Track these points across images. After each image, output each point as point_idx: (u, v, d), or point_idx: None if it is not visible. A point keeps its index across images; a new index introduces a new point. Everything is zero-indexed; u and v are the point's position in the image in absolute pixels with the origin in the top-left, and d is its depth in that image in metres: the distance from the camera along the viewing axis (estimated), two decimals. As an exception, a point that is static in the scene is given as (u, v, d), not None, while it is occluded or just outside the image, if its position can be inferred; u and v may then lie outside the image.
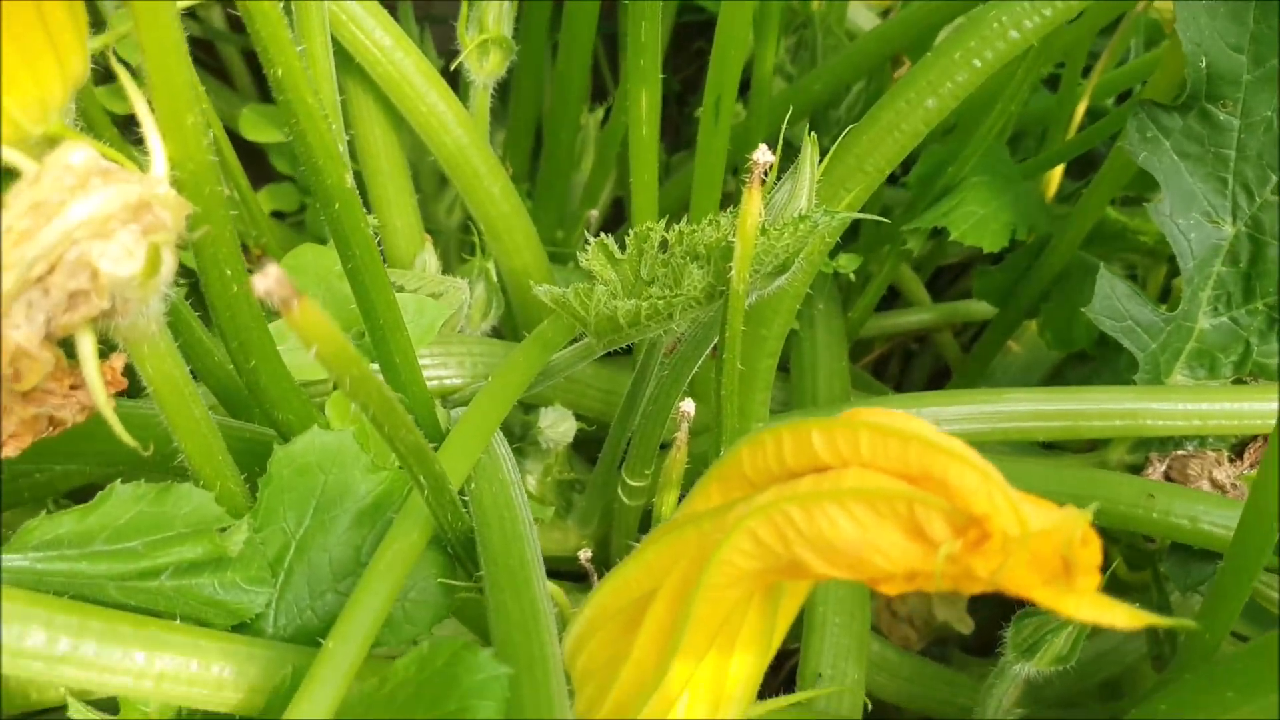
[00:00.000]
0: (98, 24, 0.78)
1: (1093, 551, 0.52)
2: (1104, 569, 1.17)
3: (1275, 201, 1.13)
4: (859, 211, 0.99)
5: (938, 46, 0.96)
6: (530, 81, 1.48)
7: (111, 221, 0.59)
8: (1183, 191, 1.15)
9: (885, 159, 0.98)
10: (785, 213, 0.84)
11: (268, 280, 0.51)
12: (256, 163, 1.58)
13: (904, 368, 1.83)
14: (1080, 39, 1.39)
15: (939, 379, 1.79)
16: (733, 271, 0.78)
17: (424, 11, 2.00)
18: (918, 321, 1.67)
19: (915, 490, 0.55)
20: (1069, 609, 0.53)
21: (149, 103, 0.66)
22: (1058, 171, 1.55)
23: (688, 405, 0.89)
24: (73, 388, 0.66)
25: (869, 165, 0.98)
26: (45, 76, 0.65)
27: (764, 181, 0.78)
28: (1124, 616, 0.53)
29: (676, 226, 0.88)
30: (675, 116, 2.07)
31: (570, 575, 1.16)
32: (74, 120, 0.69)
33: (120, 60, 0.73)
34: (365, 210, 0.86)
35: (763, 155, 0.73)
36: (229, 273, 0.75)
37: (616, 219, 1.70)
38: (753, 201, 0.74)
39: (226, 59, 1.85)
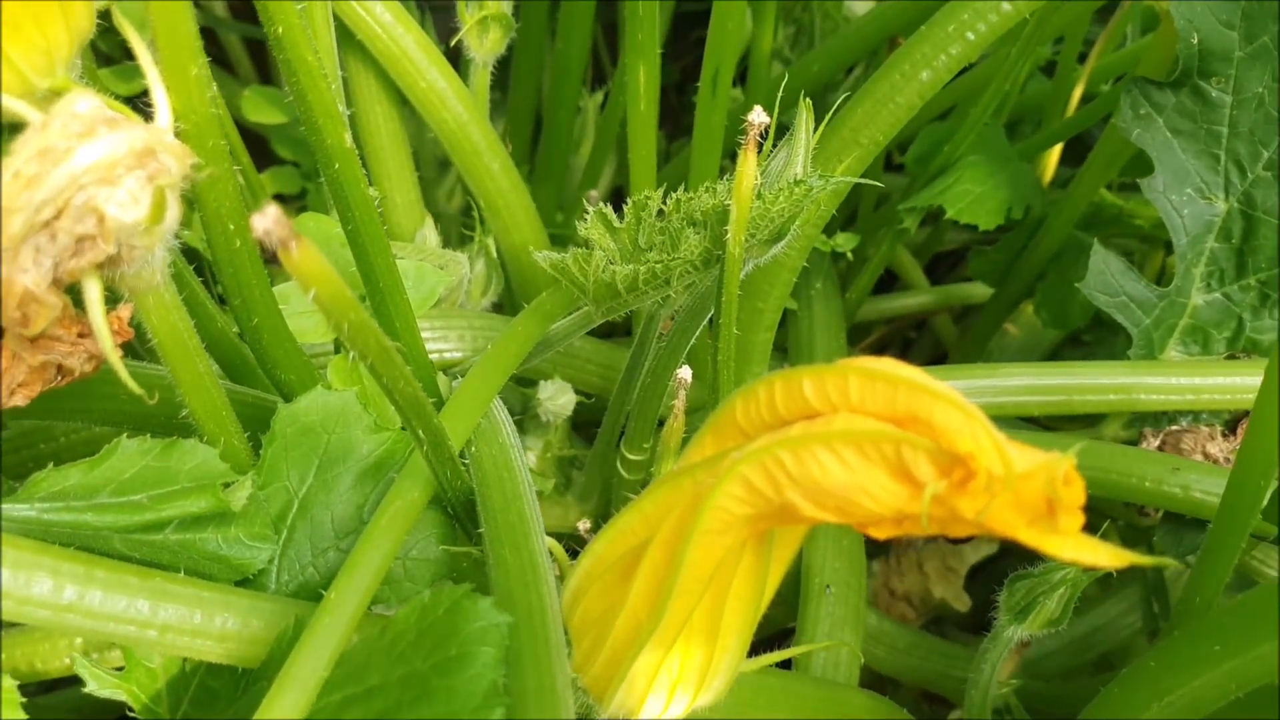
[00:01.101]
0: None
1: (1076, 491, 0.53)
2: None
3: (1267, 178, 1.14)
4: (855, 184, 1.00)
5: (932, 19, 0.97)
6: (530, 65, 1.50)
7: (118, 167, 0.60)
8: (1176, 168, 1.16)
9: (880, 131, 0.99)
10: (780, 179, 0.85)
11: (266, 220, 0.52)
12: (259, 149, 1.60)
13: (902, 353, 1.84)
14: (1076, 23, 1.40)
15: (937, 364, 1.80)
16: (729, 235, 0.79)
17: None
18: (915, 304, 1.68)
19: (902, 432, 0.56)
20: (1053, 548, 0.54)
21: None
22: (1053, 157, 1.56)
23: (685, 372, 0.90)
24: (80, 336, 0.67)
25: (864, 138, 0.99)
26: (51, 28, 0.66)
27: (760, 149, 0.79)
28: (1107, 555, 0.54)
29: (674, 195, 0.89)
30: (675, 105, 2.08)
31: (570, 551, 1.17)
32: (80, 79, 0.70)
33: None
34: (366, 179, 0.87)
35: (758, 116, 0.74)
36: (232, 227, 0.76)
37: (616, 205, 1.71)
38: (748, 163, 0.75)
39: (228, 47, 1.87)
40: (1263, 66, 1.11)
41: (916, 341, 1.84)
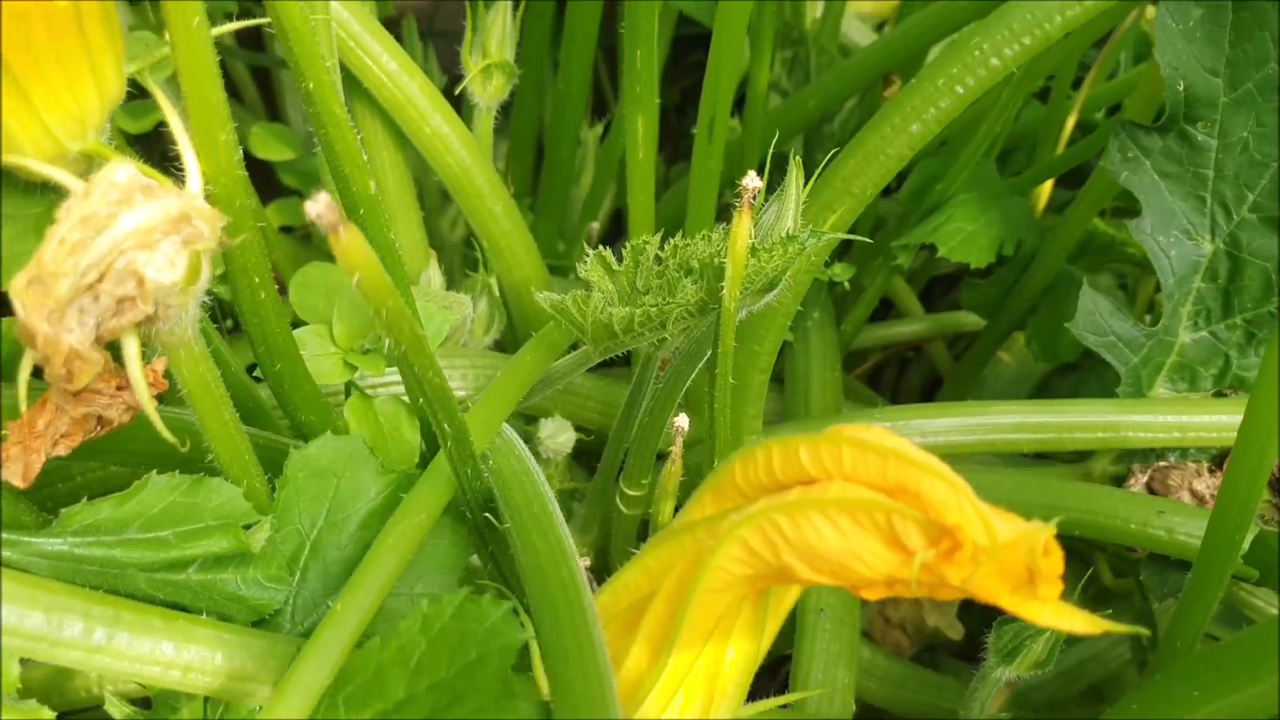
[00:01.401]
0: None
1: (1054, 561, 0.56)
2: (1089, 576, 1.20)
3: (1253, 220, 1.17)
4: (849, 230, 1.02)
5: (921, 73, 0.99)
6: (531, 96, 1.53)
7: (155, 233, 0.64)
8: (1163, 210, 1.19)
9: (872, 181, 1.01)
10: (773, 232, 0.88)
11: (318, 205, 0.57)
12: (265, 178, 1.62)
13: (898, 377, 1.87)
14: (1070, 52, 1.43)
15: (932, 388, 1.83)
16: (724, 291, 0.82)
17: (427, 26, 2.04)
18: (910, 332, 1.71)
19: (893, 502, 0.59)
20: (1033, 615, 0.57)
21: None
22: (1048, 182, 1.58)
23: (682, 420, 0.93)
24: (118, 389, 0.71)
25: (855, 187, 1.01)
26: (85, 97, 0.70)
27: (753, 205, 0.82)
28: (1082, 622, 0.57)
29: (671, 241, 0.92)
30: (674, 127, 2.10)
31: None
32: (109, 139, 0.74)
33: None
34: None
35: (751, 181, 0.77)
36: (257, 280, 0.80)
37: (616, 231, 1.74)
38: (742, 224, 0.78)
39: (234, 75, 1.89)
40: (1247, 112, 1.14)
41: (913, 363, 1.86)
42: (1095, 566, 1.34)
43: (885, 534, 0.59)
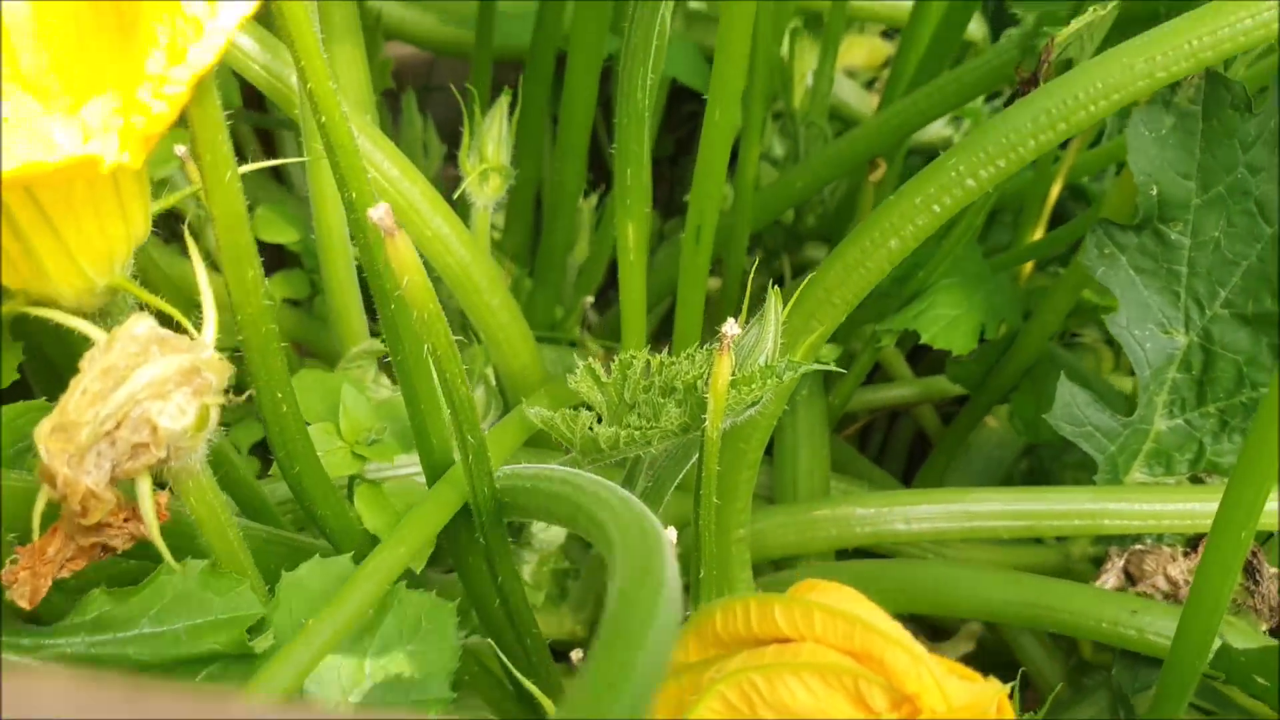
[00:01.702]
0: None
1: (1007, 725, 0.60)
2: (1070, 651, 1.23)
3: (1224, 315, 1.21)
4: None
5: (900, 191, 1.03)
6: (529, 164, 1.57)
7: (169, 384, 0.69)
8: (1139, 304, 1.23)
9: (852, 292, 1.05)
10: (752, 356, 0.92)
11: (379, 211, 0.68)
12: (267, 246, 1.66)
13: (886, 437, 1.91)
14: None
15: (919, 445, 1.87)
16: (707, 421, 0.86)
17: (424, 82, 2.08)
18: (898, 396, 1.74)
19: (860, 667, 0.63)
20: (990, 773, 0.61)
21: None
22: (1039, 233, 1.61)
23: (670, 533, 0.96)
24: (126, 520, 0.75)
25: (837, 298, 1.05)
26: (114, 238, 0.76)
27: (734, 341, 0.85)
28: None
29: (657, 356, 0.96)
30: (668, 177, 2.14)
31: (558, 654, 1.24)
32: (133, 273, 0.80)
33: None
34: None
35: (730, 329, 0.81)
36: (279, 395, 0.87)
37: (613, 282, 1.78)
38: (723, 366, 0.82)
39: (239, 135, 1.93)
40: (1219, 213, 1.18)
41: (900, 424, 1.90)
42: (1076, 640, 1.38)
43: (852, 695, 0.63)
